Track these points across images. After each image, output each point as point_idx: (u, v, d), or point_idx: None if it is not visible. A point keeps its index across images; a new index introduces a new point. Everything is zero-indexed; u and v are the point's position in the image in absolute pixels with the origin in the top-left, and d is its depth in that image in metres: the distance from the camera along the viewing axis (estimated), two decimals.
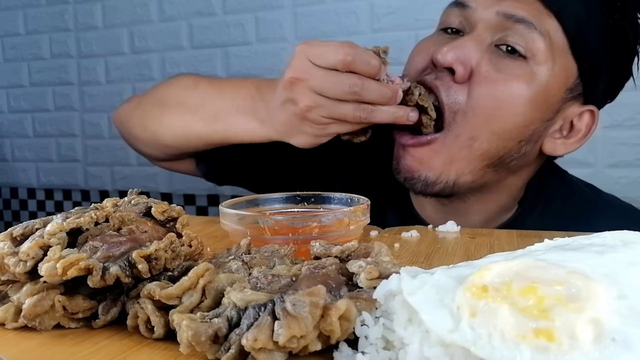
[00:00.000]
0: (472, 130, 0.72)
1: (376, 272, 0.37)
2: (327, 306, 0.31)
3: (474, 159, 0.74)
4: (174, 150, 0.91)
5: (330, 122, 0.69)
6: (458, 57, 0.71)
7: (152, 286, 0.35)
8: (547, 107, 0.75)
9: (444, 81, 0.72)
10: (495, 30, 0.73)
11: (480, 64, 0.72)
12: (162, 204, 0.48)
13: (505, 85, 0.72)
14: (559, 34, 0.73)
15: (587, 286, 0.29)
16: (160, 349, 0.35)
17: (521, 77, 0.72)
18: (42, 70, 2.17)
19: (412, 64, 0.79)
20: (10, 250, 0.39)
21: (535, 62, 0.72)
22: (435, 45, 0.76)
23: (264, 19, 1.81)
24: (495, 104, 0.72)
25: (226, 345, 0.31)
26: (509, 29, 0.72)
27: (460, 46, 0.72)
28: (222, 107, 0.81)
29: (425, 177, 0.75)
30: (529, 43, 0.72)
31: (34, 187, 2.24)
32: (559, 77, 0.74)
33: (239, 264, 0.41)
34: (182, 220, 0.47)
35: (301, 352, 0.31)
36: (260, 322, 0.30)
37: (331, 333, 0.31)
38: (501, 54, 0.72)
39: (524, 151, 0.77)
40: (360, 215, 0.57)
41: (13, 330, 0.38)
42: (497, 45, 0.73)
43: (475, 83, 0.71)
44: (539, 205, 0.85)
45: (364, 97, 0.66)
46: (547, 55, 0.72)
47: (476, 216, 0.82)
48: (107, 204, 0.47)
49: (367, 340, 0.33)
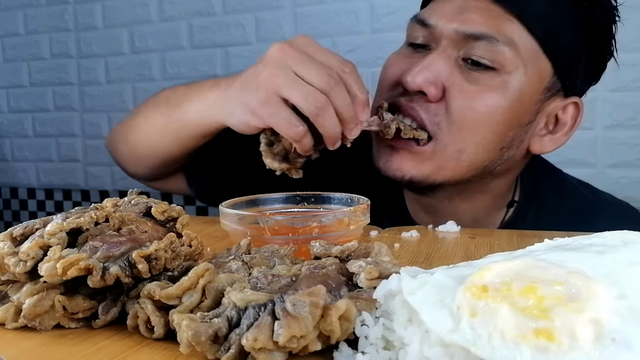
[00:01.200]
0: (458, 142, 0.72)
1: (376, 272, 0.37)
2: (327, 306, 0.31)
3: (460, 169, 0.75)
4: (152, 160, 0.88)
5: (279, 101, 0.66)
6: (426, 78, 0.70)
7: (152, 286, 0.35)
8: (525, 111, 0.74)
9: (419, 103, 0.72)
10: (459, 46, 0.72)
11: (452, 79, 0.71)
12: (162, 204, 0.48)
13: (481, 97, 0.71)
14: (525, 37, 0.71)
15: (587, 286, 0.29)
16: (160, 349, 0.35)
17: (495, 88, 0.71)
18: (42, 70, 2.17)
19: (384, 79, 0.79)
20: (11, 250, 0.39)
21: (506, 72, 0.71)
22: (404, 61, 0.76)
23: (264, 19, 1.81)
24: (475, 116, 0.71)
25: (226, 345, 0.31)
26: (471, 45, 0.71)
27: (428, 67, 0.71)
28: (185, 97, 0.80)
29: (411, 178, 0.75)
30: (495, 56, 0.70)
31: (34, 187, 2.24)
32: (533, 81, 0.73)
33: (239, 264, 0.41)
34: (182, 220, 0.47)
35: (301, 352, 0.31)
36: (260, 322, 0.30)
37: (331, 333, 0.31)
38: (470, 67, 0.72)
39: (507, 157, 0.77)
40: (360, 215, 0.57)
41: (13, 330, 0.38)
42: (464, 59, 0.72)
43: (451, 97, 0.71)
44: (533, 205, 0.85)
45: (332, 96, 0.65)
46: (516, 63, 0.71)
47: (464, 215, 0.83)
48: (107, 204, 0.47)
49: (367, 340, 0.33)
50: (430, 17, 0.74)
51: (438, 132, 0.72)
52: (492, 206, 0.85)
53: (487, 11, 0.71)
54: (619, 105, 1.50)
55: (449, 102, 0.71)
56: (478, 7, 0.72)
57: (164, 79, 1.95)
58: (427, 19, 0.74)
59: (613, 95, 1.50)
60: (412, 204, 0.87)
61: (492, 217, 0.85)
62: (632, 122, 1.50)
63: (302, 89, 0.64)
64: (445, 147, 0.72)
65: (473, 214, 0.84)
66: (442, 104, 0.71)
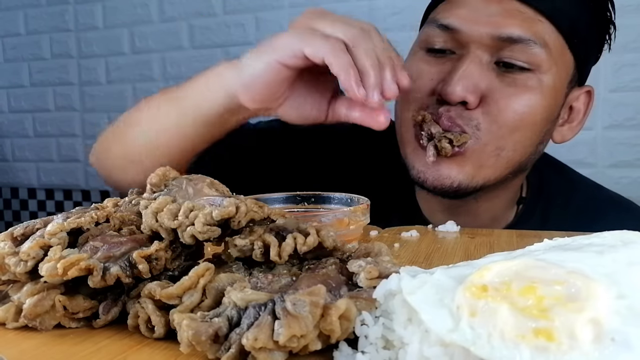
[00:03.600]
0: (498, 140, 0.72)
1: (376, 272, 0.37)
2: (328, 306, 0.31)
3: (499, 167, 0.75)
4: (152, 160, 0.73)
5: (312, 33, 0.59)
6: (467, 88, 0.70)
7: (153, 286, 0.35)
8: (557, 106, 0.76)
9: (457, 111, 0.71)
10: (492, 50, 0.71)
11: (490, 85, 0.71)
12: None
13: (520, 99, 0.71)
14: (554, 35, 0.72)
15: (586, 286, 0.29)
16: (160, 348, 0.35)
17: (532, 89, 0.72)
18: (42, 70, 2.17)
19: (415, 91, 0.75)
20: (11, 250, 0.39)
21: (541, 72, 0.72)
22: (432, 70, 0.74)
23: (264, 19, 1.81)
24: (515, 118, 0.72)
25: (226, 345, 0.31)
26: (507, 48, 0.71)
27: (465, 75, 0.70)
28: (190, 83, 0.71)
29: (458, 184, 0.74)
30: (531, 57, 0.71)
31: (35, 187, 2.24)
32: (562, 76, 0.74)
33: (239, 264, 0.41)
34: None
35: (301, 351, 0.31)
36: (261, 322, 0.31)
37: (331, 332, 0.31)
38: (505, 70, 0.72)
39: (540, 150, 0.79)
40: (360, 215, 0.57)
41: (14, 330, 0.38)
42: (497, 63, 0.72)
43: (491, 102, 0.71)
44: (540, 202, 0.86)
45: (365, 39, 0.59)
46: (550, 62, 0.72)
47: (484, 214, 0.83)
48: (108, 203, 0.47)
49: (367, 339, 0.33)
50: (455, 22, 0.73)
51: (477, 132, 0.72)
52: (508, 204, 0.85)
53: (519, 13, 0.71)
54: (619, 105, 1.50)
55: (489, 107, 0.71)
56: (509, 10, 0.71)
57: (164, 79, 1.95)
58: (452, 24, 0.73)
59: (613, 96, 1.50)
60: (428, 205, 0.86)
61: (506, 215, 0.86)
62: (632, 122, 1.50)
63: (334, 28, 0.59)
64: (485, 146, 0.72)
65: (492, 212, 0.84)
66: (479, 109, 0.72)
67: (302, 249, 0.38)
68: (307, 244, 0.38)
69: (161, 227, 0.39)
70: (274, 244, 0.38)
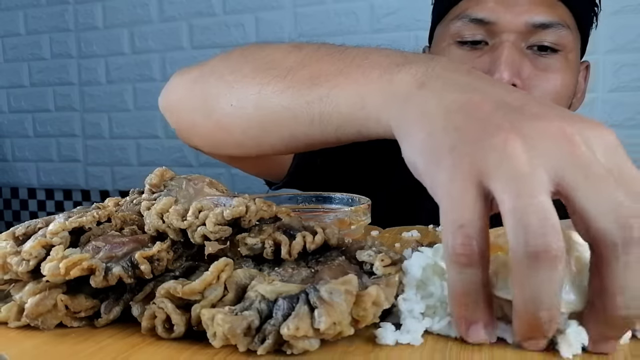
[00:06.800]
0: None
1: (388, 259, 0.38)
2: (361, 293, 0.33)
3: None
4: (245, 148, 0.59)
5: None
6: (514, 73, 0.76)
7: (172, 284, 0.35)
8: (577, 82, 0.84)
9: None
10: (524, 36, 0.78)
11: (528, 69, 0.77)
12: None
13: (555, 79, 0.79)
14: (570, 17, 0.80)
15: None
16: (163, 347, 0.35)
17: (563, 69, 0.79)
18: (42, 70, 2.17)
19: None
20: (13, 249, 0.39)
21: (567, 51, 0.79)
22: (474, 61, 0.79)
23: (264, 19, 1.81)
24: (554, 97, 0.78)
25: (260, 337, 0.32)
26: (539, 33, 0.77)
27: (509, 62, 0.76)
28: (329, 70, 0.48)
29: None
30: (560, 39, 0.78)
31: (35, 187, 2.24)
32: (578, 53, 0.83)
33: (249, 260, 0.41)
34: None
35: (334, 337, 0.32)
36: (299, 312, 0.32)
37: (363, 318, 0.33)
38: (538, 53, 0.78)
39: None
40: (361, 215, 0.58)
41: (16, 329, 0.38)
42: (529, 47, 0.78)
43: (531, 85, 0.77)
44: None
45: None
46: (574, 41, 0.80)
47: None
48: (109, 203, 0.47)
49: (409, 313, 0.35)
50: (491, 15, 0.78)
51: None
52: None
53: (545, 2, 0.79)
54: (618, 105, 1.50)
55: (530, 90, 0.77)
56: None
57: (165, 79, 1.95)
58: (487, 17, 0.79)
59: (612, 96, 1.50)
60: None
61: None
62: (631, 122, 1.50)
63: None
64: None
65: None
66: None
67: (311, 247, 0.39)
68: (315, 242, 0.39)
69: (169, 228, 0.39)
70: (284, 243, 0.39)
